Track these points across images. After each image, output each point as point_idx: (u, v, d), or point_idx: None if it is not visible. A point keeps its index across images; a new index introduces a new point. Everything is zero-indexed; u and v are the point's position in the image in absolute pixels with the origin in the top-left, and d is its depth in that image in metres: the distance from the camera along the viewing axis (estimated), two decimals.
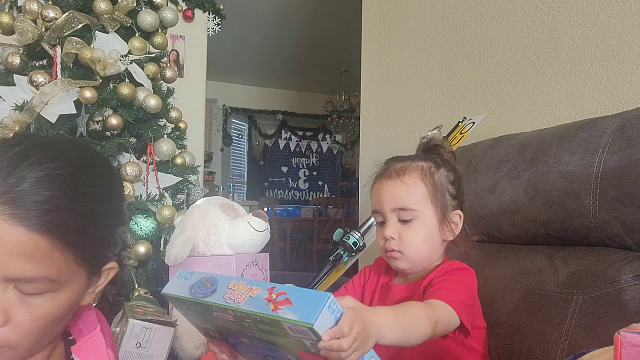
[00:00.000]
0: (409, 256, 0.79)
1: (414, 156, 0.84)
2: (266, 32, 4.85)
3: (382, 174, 0.83)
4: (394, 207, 0.79)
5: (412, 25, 1.92)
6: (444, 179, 0.81)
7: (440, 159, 0.84)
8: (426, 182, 0.79)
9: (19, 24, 1.30)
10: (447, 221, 0.80)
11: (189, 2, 2.92)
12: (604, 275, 0.79)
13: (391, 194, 0.80)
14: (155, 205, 1.34)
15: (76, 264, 0.57)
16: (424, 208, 0.78)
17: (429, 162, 0.82)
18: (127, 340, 0.90)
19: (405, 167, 0.81)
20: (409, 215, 0.78)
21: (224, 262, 1.10)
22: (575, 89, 1.27)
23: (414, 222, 0.78)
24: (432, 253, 0.81)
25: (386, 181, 0.81)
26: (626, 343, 0.42)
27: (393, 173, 0.81)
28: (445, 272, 0.77)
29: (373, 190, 0.84)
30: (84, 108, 1.27)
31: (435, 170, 0.81)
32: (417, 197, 0.78)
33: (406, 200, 0.78)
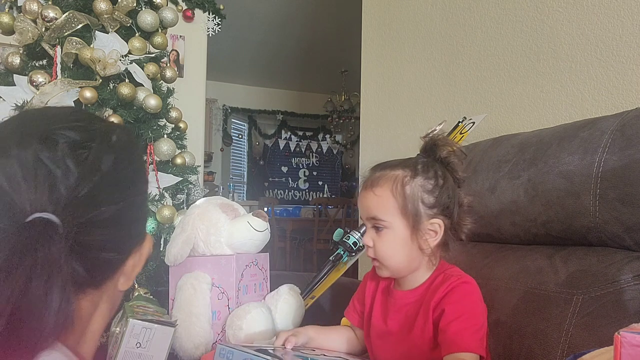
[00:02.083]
0: (385, 264, 0.82)
1: (399, 162, 0.84)
2: (266, 32, 4.85)
3: (363, 183, 0.86)
4: (367, 216, 0.83)
5: (412, 25, 1.92)
6: (417, 189, 0.80)
7: (423, 164, 0.82)
8: (395, 194, 0.80)
9: (19, 24, 1.30)
10: (421, 231, 0.80)
11: (189, 2, 2.92)
12: (604, 275, 0.79)
13: (365, 203, 0.83)
14: (155, 205, 1.34)
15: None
16: (393, 219, 0.80)
17: (407, 170, 0.81)
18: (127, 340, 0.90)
19: (380, 177, 0.82)
20: (380, 224, 0.81)
21: (224, 262, 1.10)
22: (575, 89, 1.27)
23: (385, 231, 0.81)
24: (409, 261, 0.82)
25: (362, 191, 0.84)
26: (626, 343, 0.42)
27: (368, 183, 0.83)
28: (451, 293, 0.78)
29: (358, 198, 0.87)
30: (84, 108, 1.27)
31: (409, 180, 0.80)
32: (386, 209, 0.80)
33: (375, 211, 0.81)
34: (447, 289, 0.78)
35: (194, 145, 2.15)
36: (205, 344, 1.04)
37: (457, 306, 0.76)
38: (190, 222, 1.13)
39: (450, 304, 0.76)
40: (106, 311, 0.53)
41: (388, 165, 0.85)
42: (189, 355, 1.03)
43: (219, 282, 1.09)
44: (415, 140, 0.90)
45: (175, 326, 0.96)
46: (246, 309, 1.06)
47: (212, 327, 1.07)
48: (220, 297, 1.09)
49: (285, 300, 1.14)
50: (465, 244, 1.15)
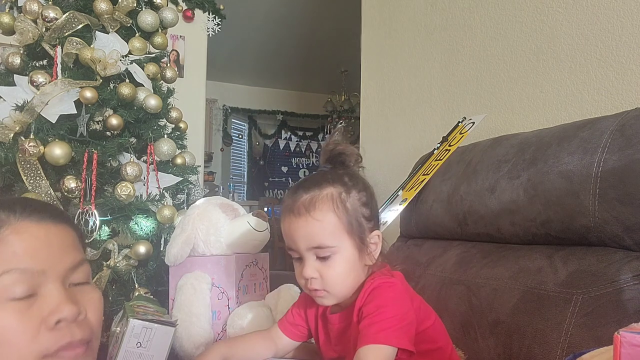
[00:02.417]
0: (334, 293, 0.75)
1: (320, 179, 0.76)
2: (266, 32, 4.85)
3: (289, 209, 0.75)
4: (309, 246, 0.73)
5: (411, 25, 1.92)
6: (356, 202, 0.75)
7: (348, 176, 0.77)
8: (339, 213, 0.73)
9: (19, 24, 1.30)
10: (366, 246, 0.75)
11: (189, 2, 2.93)
12: (603, 275, 0.79)
13: (304, 233, 0.73)
14: (156, 205, 1.34)
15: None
16: (341, 242, 0.73)
17: (337, 186, 0.75)
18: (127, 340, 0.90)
19: (314, 199, 0.73)
20: (327, 252, 0.73)
21: (224, 262, 1.10)
22: (575, 89, 1.27)
23: (332, 258, 0.73)
24: (356, 282, 0.76)
25: (296, 218, 0.73)
26: (626, 343, 0.42)
27: (302, 208, 0.73)
28: (369, 295, 0.73)
29: (284, 226, 0.76)
30: (84, 108, 1.27)
31: (346, 195, 0.74)
32: (332, 233, 0.73)
33: (322, 238, 0.72)
34: (366, 293, 0.74)
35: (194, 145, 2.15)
36: (205, 344, 1.04)
37: (370, 306, 0.72)
38: (190, 222, 1.13)
39: (366, 305, 0.72)
40: None
41: (311, 184, 0.75)
42: (189, 355, 1.04)
43: (219, 282, 1.09)
44: (415, 140, 0.90)
45: (175, 326, 0.96)
46: (246, 308, 1.07)
47: (212, 327, 1.07)
48: (220, 297, 1.09)
49: (285, 300, 1.14)
50: (465, 244, 1.15)
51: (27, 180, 1.17)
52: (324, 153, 0.82)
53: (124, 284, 1.26)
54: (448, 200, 1.18)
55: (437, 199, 1.22)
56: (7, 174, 1.21)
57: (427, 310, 0.80)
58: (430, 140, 1.72)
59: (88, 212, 1.22)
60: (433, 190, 1.26)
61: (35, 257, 0.56)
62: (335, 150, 0.80)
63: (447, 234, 1.21)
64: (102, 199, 1.26)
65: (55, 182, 1.23)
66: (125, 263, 1.27)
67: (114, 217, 1.28)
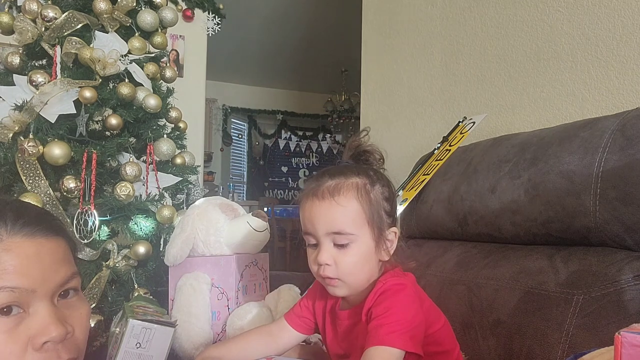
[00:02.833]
0: (348, 283, 0.74)
1: (346, 169, 0.76)
2: (266, 32, 4.85)
3: (313, 192, 0.74)
4: (329, 231, 0.72)
5: (412, 24, 1.92)
6: (379, 196, 0.75)
7: (372, 171, 0.78)
8: (362, 202, 0.73)
9: (18, 23, 1.30)
10: (383, 241, 0.75)
11: (189, 2, 2.93)
12: (604, 276, 0.79)
13: (325, 216, 0.72)
14: (155, 205, 1.34)
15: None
16: (360, 231, 0.73)
17: (363, 177, 0.75)
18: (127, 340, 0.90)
19: (339, 185, 0.73)
20: (345, 240, 0.72)
21: (223, 263, 1.10)
22: (575, 89, 1.27)
23: (350, 246, 0.72)
24: (370, 276, 0.75)
25: (319, 202, 0.73)
26: (626, 343, 0.42)
27: (326, 192, 0.73)
28: (379, 296, 0.72)
29: (304, 210, 0.75)
30: (84, 108, 1.27)
31: (370, 187, 0.74)
32: (353, 220, 0.72)
33: (343, 224, 0.72)
34: (376, 294, 0.73)
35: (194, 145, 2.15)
36: (204, 344, 1.04)
37: (380, 307, 0.71)
38: (189, 222, 1.13)
39: (376, 306, 0.72)
40: None
41: (339, 172, 0.76)
42: (188, 356, 1.03)
43: (218, 282, 1.09)
44: (415, 140, 0.90)
45: (175, 326, 0.96)
46: (246, 309, 1.06)
47: (212, 328, 1.07)
48: (220, 297, 1.08)
49: (285, 300, 1.14)
50: (465, 244, 1.15)
51: (26, 180, 1.17)
52: (349, 149, 0.82)
53: (123, 284, 1.26)
54: (448, 200, 1.17)
55: (438, 199, 1.22)
56: (6, 174, 1.21)
57: (437, 313, 0.79)
58: (430, 140, 1.72)
59: (87, 212, 1.22)
60: (433, 190, 1.25)
61: (25, 275, 0.55)
62: (360, 147, 0.81)
63: (448, 234, 1.21)
64: (101, 199, 1.26)
65: (54, 182, 1.23)
66: (125, 263, 1.27)
67: (113, 217, 1.28)
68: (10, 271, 0.54)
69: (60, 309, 0.59)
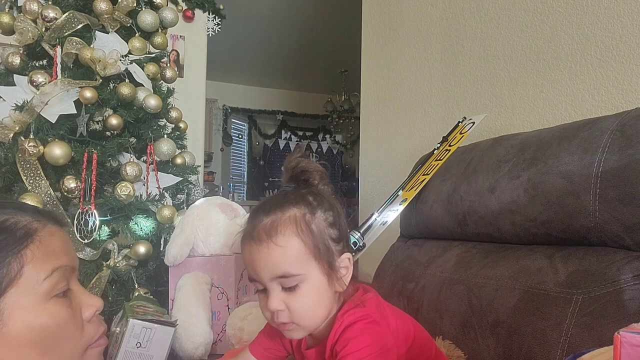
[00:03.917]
0: (304, 326, 0.68)
1: (282, 200, 0.70)
2: (266, 32, 4.85)
3: (250, 235, 0.68)
4: (273, 275, 0.66)
5: (412, 25, 1.92)
6: (322, 224, 0.69)
7: (312, 195, 0.71)
8: (303, 237, 0.66)
9: (19, 24, 1.30)
10: (335, 272, 0.68)
11: (189, 2, 2.93)
12: (603, 275, 0.79)
13: (266, 261, 0.66)
14: (155, 205, 1.34)
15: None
16: (307, 268, 0.66)
17: (301, 207, 0.68)
18: (127, 340, 0.90)
19: (275, 222, 0.66)
20: (293, 281, 0.65)
21: (223, 262, 1.10)
22: (575, 89, 1.27)
23: (300, 287, 0.66)
24: (327, 312, 0.70)
25: (257, 246, 0.66)
26: (626, 343, 0.42)
27: (262, 234, 0.66)
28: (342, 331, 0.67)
29: (244, 254, 0.69)
30: (84, 108, 1.27)
31: (311, 217, 0.68)
32: (297, 259, 0.66)
33: (286, 266, 0.65)
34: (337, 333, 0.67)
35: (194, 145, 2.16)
36: (204, 344, 1.04)
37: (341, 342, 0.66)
38: (189, 222, 1.13)
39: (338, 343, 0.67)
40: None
41: (272, 206, 0.69)
42: (188, 356, 1.03)
43: (218, 282, 1.09)
44: (415, 140, 0.90)
45: (175, 326, 0.96)
46: (246, 309, 1.07)
47: (212, 328, 1.07)
48: (220, 297, 1.09)
49: None
50: (465, 244, 1.15)
51: (26, 180, 1.17)
52: (286, 171, 0.75)
53: (123, 284, 1.26)
54: (448, 200, 1.17)
55: (437, 199, 1.22)
56: (7, 174, 1.22)
57: (406, 326, 0.75)
58: (430, 140, 1.72)
59: (88, 212, 1.22)
60: (433, 190, 1.25)
61: (67, 255, 0.61)
62: (297, 168, 0.74)
63: (447, 234, 1.21)
64: (101, 199, 1.26)
65: (55, 182, 1.23)
66: (125, 263, 1.27)
67: (113, 217, 1.28)
68: (58, 252, 0.60)
69: None
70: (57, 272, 0.58)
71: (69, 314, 0.59)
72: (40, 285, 0.56)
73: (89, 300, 0.62)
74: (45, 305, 0.56)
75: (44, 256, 0.57)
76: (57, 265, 0.58)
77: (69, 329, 0.58)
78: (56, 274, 0.58)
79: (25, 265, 0.55)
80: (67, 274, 0.60)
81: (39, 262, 0.57)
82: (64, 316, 0.58)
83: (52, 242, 0.59)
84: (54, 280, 0.57)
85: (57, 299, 0.58)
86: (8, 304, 0.54)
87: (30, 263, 0.56)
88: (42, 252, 0.57)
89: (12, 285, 0.55)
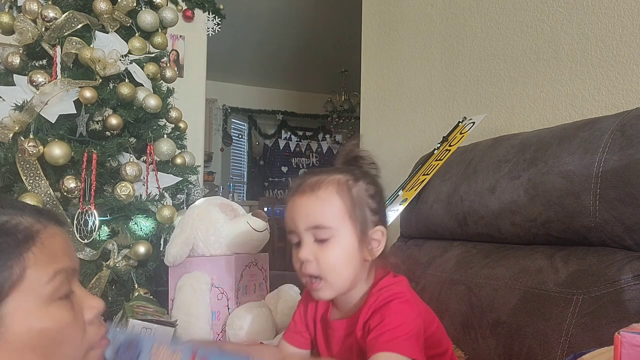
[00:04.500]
0: (331, 282, 0.71)
1: (330, 169, 0.77)
2: (266, 32, 4.85)
3: (295, 189, 0.74)
4: (308, 225, 0.71)
5: (412, 25, 1.92)
6: (363, 192, 0.73)
7: (359, 171, 0.77)
8: (343, 196, 0.71)
9: (19, 23, 1.30)
10: (367, 239, 0.73)
11: (189, 2, 2.93)
12: (604, 275, 0.79)
13: (305, 210, 0.72)
14: (155, 205, 1.34)
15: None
16: (341, 225, 0.71)
17: (346, 174, 0.74)
18: None
19: (320, 180, 0.73)
20: (326, 234, 0.70)
21: (223, 263, 1.10)
22: (575, 89, 1.27)
23: (330, 241, 0.70)
24: (353, 277, 0.73)
25: (299, 197, 0.72)
26: (626, 343, 0.42)
27: (307, 188, 0.72)
28: (377, 308, 0.70)
29: (287, 207, 0.75)
30: (84, 108, 1.27)
31: (353, 183, 0.73)
32: (333, 213, 0.71)
33: (321, 217, 0.71)
34: (371, 308, 0.71)
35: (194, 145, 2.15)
36: None
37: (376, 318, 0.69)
38: (189, 222, 1.13)
39: (372, 319, 0.70)
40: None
41: (323, 171, 0.75)
42: None
43: (218, 282, 1.09)
44: (415, 140, 0.90)
45: (175, 326, 0.96)
46: (246, 309, 1.07)
47: (212, 328, 1.07)
48: (220, 297, 1.09)
49: (285, 300, 1.14)
50: (465, 244, 1.15)
51: (26, 180, 1.17)
52: (341, 155, 0.81)
53: (123, 284, 1.26)
54: (448, 200, 1.17)
55: (437, 199, 1.22)
56: (7, 174, 1.22)
57: (431, 316, 0.78)
58: (430, 140, 1.72)
59: (87, 212, 1.22)
60: (433, 190, 1.25)
61: (69, 256, 0.60)
62: (352, 152, 0.80)
63: (448, 234, 1.21)
64: (101, 199, 1.26)
65: (54, 182, 1.23)
66: (125, 263, 1.27)
67: (113, 217, 1.28)
68: (59, 254, 0.59)
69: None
70: (59, 274, 0.57)
71: (71, 317, 0.58)
72: (42, 289, 0.55)
73: (91, 302, 0.62)
74: (48, 308, 0.56)
75: (46, 259, 0.56)
76: (59, 267, 0.57)
77: (71, 332, 0.58)
78: (58, 276, 0.57)
79: (27, 268, 0.54)
80: (69, 277, 0.59)
81: (41, 265, 0.56)
82: (66, 319, 0.57)
83: (54, 243, 0.58)
84: (57, 283, 0.57)
85: (59, 301, 0.57)
86: (10, 308, 0.53)
87: (32, 266, 0.55)
88: (44, 254, 0.56)
89: (14, 289, 0.54)
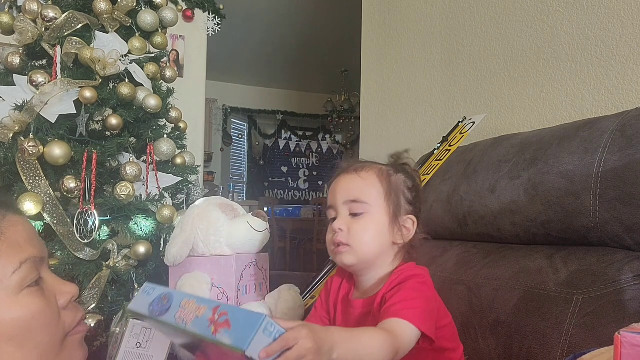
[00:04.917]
0: (356, 249, 0.78)
1: (373, 162, 0.86)
2: (266, 32, 4.85)
3: (341, 170, 0.84)
4: (346, 199, 0.80)
5: (412, 25, 1.92)
6: (401, 182, 0.82)
7: (402, 167, 0.86)
8: (382, 180, 0.80)
9: (18, 23, 1.30)
10: (398, 223, 0.80)
11: (189, 2, 2.93)
12: (604, 275, 0.79)
13: (346, 186, 0.81)
14: (155, 205, 1.34)
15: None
16: (376, 203, 0.79)
17: (388, 167, 0.84)
18: (127, 340, 0.90)
19: (364, 165, 0.83)
20: (360, 209, 0.78)
21: (223, 263, 1.10)
22: (575, 89, 1.27)
23: (364, 216, 0.78)
24: (380, 252, 0.79)
25: (343, 176, 0.82)
26: (626, 343, 0.42)
27: (352, 170, 0.82)
28: (396, 284, 0.75)
29: (331, 185, 0.84)
30: (84, 108, 1.27)
31: (393, 173, 0.82)
32: (370, 191, 0.79)
33: (359, 193, 0.79)
34: (391, 284, 0.75)
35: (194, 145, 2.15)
36: None
37: (394, 291, 0.73)
38: (189, 222, 1.13)
39: (390, 292, 0.74)
40: None
41: (367, 160, 0.85)
42: (188, 356, 1.03)
43: (218, 282, 1.09)
44: (415, 140, 0.91)
45: None
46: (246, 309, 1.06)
47: None
48: (220, 297, 1.08)
49: (285, 300, 1.13)
50: (465, 244, 1.15)
51: (26, 180, 1.17)
52: (391, 157, 0.89)
53: (123, 284, 1.26)
54: (448, 200, 1.17)
55: (437, 199, 1.22)
56: (7, 174, 1.21)
57: (445, 310, 0.81)
58: (430, 140, 1.72)
59: (87, 212, 1.22)
60: (433, 190, 1.25)
61: (34, 245, 0.59)
62: (401, 158, 0.88)
63: (448, 234, 1.21)
64: (101, 199, 1.26)
65: (54, 182, 1.23)
66: (125, 263, 1.27)
67: (113, 217, 1.28)
68: (24, 243, 0.58)
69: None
70: (25, 264, 0.56)
71: (43, 303, 0.57)
72: (9, 280, 0.55)
73: (63, 287, 0.61)
74: (17, 298, 0.55)
75: (10, 249, 0.55)
76: (24, 257, 0.56)
77: (44, 319, 0.57)
78: (25, 266, 0.56)
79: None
80: (37, 265, 0.58)
81: (5, 257, 0.55)
82: (38, 306, 0.56)
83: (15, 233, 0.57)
84: (24, 273, 0.56)
85: (29, 289, 0.56)
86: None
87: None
88: (6, 245, 0.55)
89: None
